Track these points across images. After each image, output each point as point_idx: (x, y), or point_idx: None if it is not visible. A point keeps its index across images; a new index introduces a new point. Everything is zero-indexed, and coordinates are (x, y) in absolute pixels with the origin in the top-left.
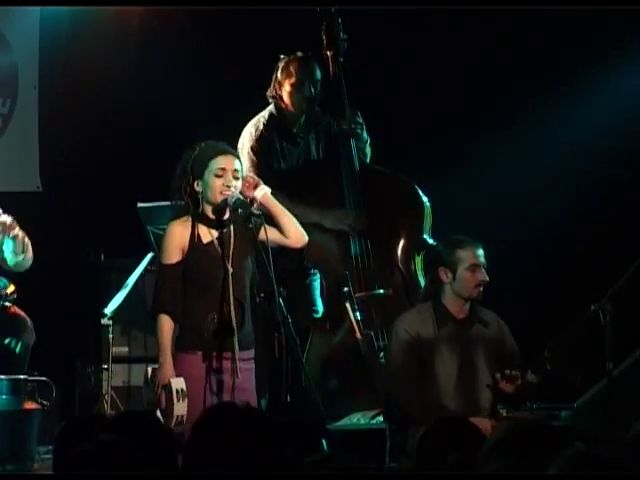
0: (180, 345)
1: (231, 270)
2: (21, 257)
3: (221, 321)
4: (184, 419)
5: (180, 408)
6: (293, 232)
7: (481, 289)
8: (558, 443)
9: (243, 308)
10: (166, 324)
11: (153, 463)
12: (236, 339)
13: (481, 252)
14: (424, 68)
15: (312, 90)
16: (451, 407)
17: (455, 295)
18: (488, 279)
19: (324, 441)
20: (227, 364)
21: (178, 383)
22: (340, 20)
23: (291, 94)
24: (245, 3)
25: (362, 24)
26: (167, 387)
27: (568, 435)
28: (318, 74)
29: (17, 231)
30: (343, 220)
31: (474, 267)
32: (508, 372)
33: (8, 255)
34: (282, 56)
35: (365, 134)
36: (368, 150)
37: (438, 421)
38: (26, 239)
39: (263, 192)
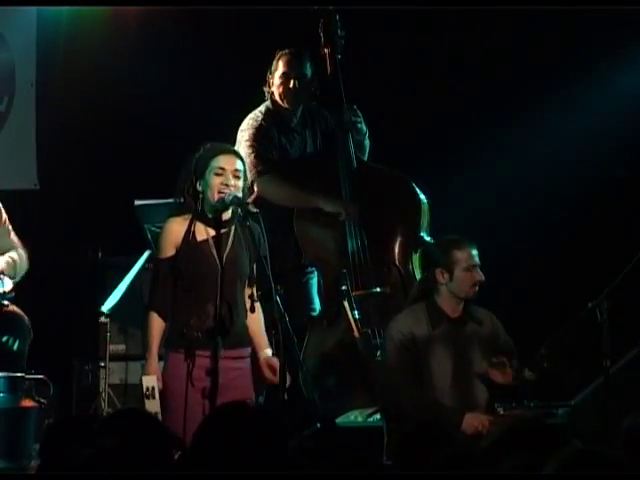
0: (167, 343)
1: (221, 270)
2: (16, 278)
3: (207, 320)
4: (158, 417)
5: (151, 406)
6: None
7: (476, 289)
8: (556, 441)
9: (231, 309)
10: (154, 322)
11: (149, 460)
12: (219, 339)
13: (476, 252)
14: (423, 65)
15: (295, 84)
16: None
17: (451, 295)
18: (484, 279)
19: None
20: (212, 364)
21: (149, 381)
22: (338, 17)
23: (278, 87)
24: (244, 3)
25: (360, 21)
26: (140, 385)
27: (565, 433)
28: (306, 69)
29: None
30: (344, 204)
31: (471, 267)
32: (495, 360)
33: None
34: (277, 50)
35: (364, 126)
36: (367, 142)
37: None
38: (16, 260)
39: None
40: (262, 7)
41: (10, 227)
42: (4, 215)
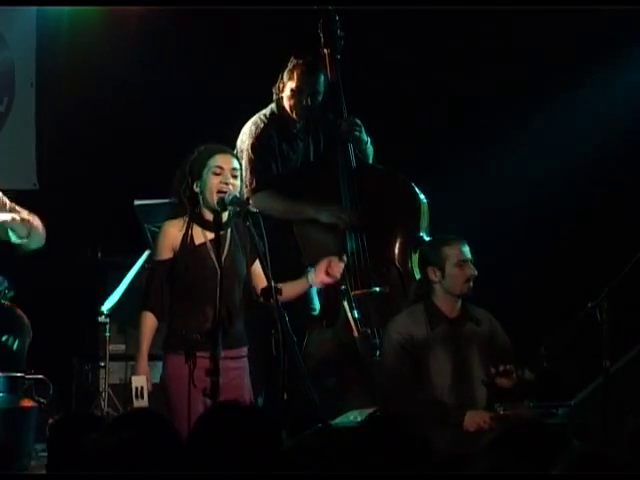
0: (166, 345)
1: (220, 273)
2: (25, 240)
3: (206, 322)
4: None
5: (139, 405)
6: None
7: (471, 284)
8: (555, 441)
9: (230, 312)
10: (148, 322)
11: (158, 461)
12: (220, 341)
13: (466, 247)
14: (423, 66)
15: (308, 101)
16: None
17: (446, 293)
18: (477, 273)
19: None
20: (212, 364)
21: (138, 381)
22: (337, 17)
23: (289, 98)
24: (244, 3)
25: (360, 21)
26: (129, 385)
27: (565, 433)
28: (320, 86)
29: (17, 215)
30: (339, 214)
31: (462, 263)
32: (502, 367)
33: (12, 236)
34: (292, 58)
35: (365, 135)
36: (369, 151)
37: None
38: (32, 221)
39: None
40: (262, 7)
41: (14, 205)
42: (5, 199)
